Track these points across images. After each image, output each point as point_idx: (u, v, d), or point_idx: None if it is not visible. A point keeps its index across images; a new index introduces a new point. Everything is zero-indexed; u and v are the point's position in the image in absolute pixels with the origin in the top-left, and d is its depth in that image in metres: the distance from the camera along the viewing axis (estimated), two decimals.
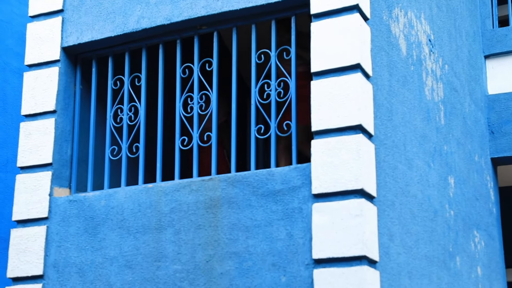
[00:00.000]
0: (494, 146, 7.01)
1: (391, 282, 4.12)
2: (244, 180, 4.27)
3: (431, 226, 4.97)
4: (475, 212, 6.19)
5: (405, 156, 4.65)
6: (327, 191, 3.97)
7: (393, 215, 4.31)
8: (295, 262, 3.98)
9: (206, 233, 4.27)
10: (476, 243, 6.08)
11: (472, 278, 5.79)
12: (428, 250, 4.84)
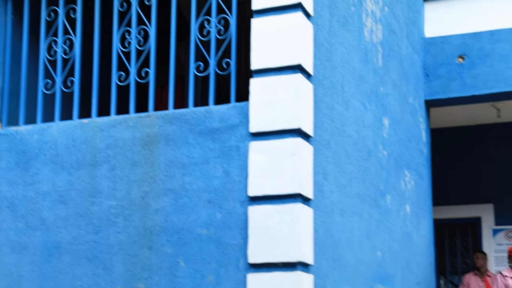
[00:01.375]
0: (428, 89, 7.17)
1: (324, 219, 4.23)
2: (182, 117, 4.25)
3: (364, 166, 5.10)
4: (407, 152, 6.38)
5: (343, 96, 4.71)
6: (264, 130, 4.00)
7: (329, 154, 4.40)
8: (231, 199, 4.03)
9: (142, 170, 4.25)
10: (406, 182, 6.29)
11: (401, 216, 6.01)
12: (361, 188, 4.98)
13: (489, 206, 8.91)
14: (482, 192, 8.96)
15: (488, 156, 9.00)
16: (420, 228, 6.68)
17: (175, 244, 4.08)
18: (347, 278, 4.57)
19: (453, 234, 9.29)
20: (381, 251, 5.36)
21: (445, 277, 9.66)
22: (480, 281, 8.23)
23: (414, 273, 6.32)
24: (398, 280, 5.73)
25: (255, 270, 3.86)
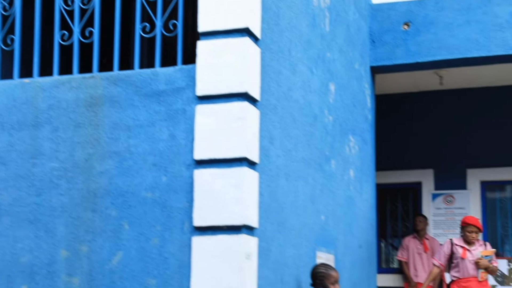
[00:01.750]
0: (374, 55, 7.25)
1: (269, 183, 4.26)
2: (127, 79, 4.17)
3: (310, 131, 5.14)
4: (352, 118, 6.46)
5: (290, 61, 4.71)
6: (211, 93, 3.97)
7: (275, 119, 4.41)
8: (177, 162, 4.01)
9: (86, 132, 4.17)
10: (351, 147, 6.39)
11: (345, 180, 6.11)
12: (306, 153, 5.03)
13: (429, 172, 9.16)
14: (423, 158, 9.19)
15: (430, 123, 9.21)
16: (363, 192, 6.81)
17: (119, 207, 4.05)
18: (291, 241, 4.64)
19: (394, 198, 9.53)
20: (325, 215, 5.45)
21: (386, 240, 9.93)
22: (419, 244, 8.50)
23: (356, 236, 6.46)
24: (340, 243, 5.86)
25: (200, 233, 3.87)
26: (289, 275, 4.56)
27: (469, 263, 6.69)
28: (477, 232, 6.72)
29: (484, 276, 6.72)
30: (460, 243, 6.79)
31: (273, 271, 4.26)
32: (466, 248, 6.72)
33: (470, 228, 6.72)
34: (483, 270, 6.67)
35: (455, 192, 8.96)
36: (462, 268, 6.73)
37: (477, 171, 8.96)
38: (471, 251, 6.70)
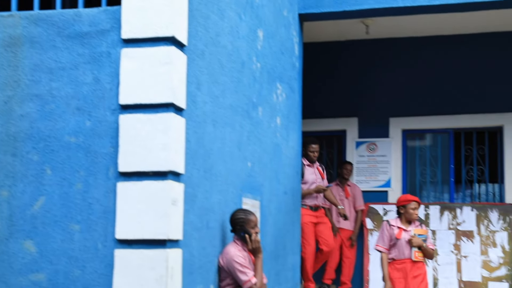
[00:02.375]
0: (302, 2, 7.23)
1: (196, 129, 4.24)
2: (49, 19, 4.00)
3: (238, 77, 5.12)
4: (279, 65, 6.46)
5: (218, 6, 4.63)
6: (137, 37, 3.87)
7: (202, 64, 4.36)
8: (101, 107, 3.92)
9: (5, 73, 4.00)
10: (278, 95, 6.41)
11: (272, 128, 6.16)
12: (233, 100, 5.02)
13: (353, 120, 9.36)
14: (348, 106, 9.37)
15: (355, 72, 9.36)
16: (289, 140, 6.89)
17: (41, 151, 3.94)
18: (218, 187, 4.66)
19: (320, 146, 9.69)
20: (251, 161, 5.49)
21: None
22: (341, 190, 8.73)
23: (281, 183, 6.56)
24: (266, 190, 5.93)
25: (125, 178, 3.83)
26: (215, 220, 4.60)
27: (405, 244, 6.50)
28: (418, 208, 6.55)
29: (419, 256, 6.48)
30: (397, 223, 6.60)
31: (199, 217, 4.29)
32: (402, 229, 6.52)
33: (413, 205, 6.52)
34: (417, 249, 6.46)
35: (378, 140, 9.20)
36: (397, 249, 6.55)
37: (399, 120, 9.22)
38: (408, 231, 6.53)
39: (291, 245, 6.94)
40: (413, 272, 6.50)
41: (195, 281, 4.20)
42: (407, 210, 6.48)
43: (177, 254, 3.83)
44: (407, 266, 6.47)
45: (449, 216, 8.46)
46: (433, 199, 9.21)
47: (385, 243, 6.63)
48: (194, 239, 4.20)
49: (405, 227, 6.52)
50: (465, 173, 9.02)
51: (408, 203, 6.51)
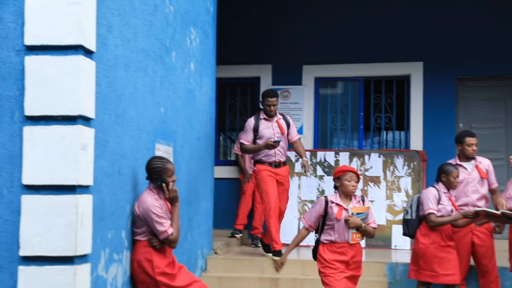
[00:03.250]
0: None
1: (107, 73, 4.13)
2: None
3: (150, 20, 4.99)
4: (193, 9, 6.35)
5: None
6: None
7: (113, 6, 4.21)
8: (5, 47, 3.75)
9: None
10: (192, 40, 6.32)
11: (185, 73, 6.09)
12: (146, 43, 4.91)
13: (267, 67, 9.39)
14: (262, 53, 9.38)
15: (269, 18, 9.35)
16: (203, 86, 6.84)
17: None
18: (130, 133, 4.59)
19: (233, 92, 9.71)
20: (164, 107, 5.43)
21: (224, 134, 10.18)
22: None
23: (195, 129, 6.54)
24: (179, 136, 5.90)
25: (32, 122, 3.70)
26: (127, 166, 4.55)
27: (345, 225, 5.20)
28: (357, 180, 5.25)
29: (357, 238, 5.23)
30: (337, 200, 5.26)
31: (110, 163, 4.22)
32: (343, 207, 5.19)
33: (348, 175, 5.21)
34: (354, 230, 5.18)
35: (291, 88, 9.30)
36: (337, 232, 5.20)
37: (312, 68, 9.34)
38: (348, 209, 5.21)
39: (204, 191, 6.98)
40: (354, 257, 5.25)
41: (106, 227, 4.16)
42: (342, 183, 5.22)
43: (87, 200, 3.77)
44: (347, 250, 5.19)
45: (358, 162, 8.73)
46: (343, 146, 9.47)
47: (311, 219, 5.30)
48: (105, 185, 4.14)
49: (345, 204, 5.21)
50: (374, 121, 9.29)
51: (343, 174, 5.24)
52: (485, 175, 6.52)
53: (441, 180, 6.07)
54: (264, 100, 7.06)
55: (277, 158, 7.10)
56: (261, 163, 7.05)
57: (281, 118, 7.19)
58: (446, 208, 5.95)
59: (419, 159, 8.56)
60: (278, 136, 7.05)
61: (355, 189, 5.23)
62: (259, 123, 7.07)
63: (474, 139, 6.50)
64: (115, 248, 4.32)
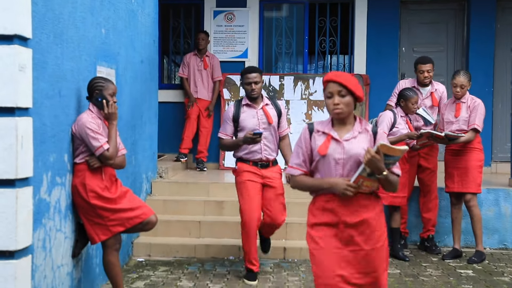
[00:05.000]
0: None
1: None
2: None
3: None
4: None
5: None
6: None
7: None
8: None
9: None
10: None
11: None
12: None
13: None
14: None
15: None
16: (145, 7, 6.66)
17: None
18: (69, 54, 4.45)
19: (177, 14, 9.49)
20: (105, 28, 5.27)
21: (168, 57, 10.02)
22: (199, 61, 8.70)
23: (138, 51, 6.40)
24: (122, 58, 5.77)
25: None
26: (68, 88, 4.44)
27: (337, 164, 3.41)
28: (344, 94, 3.35)
29: (367, 188, 3.35)
30: (324, 127, 3.49)
31: (50, 84, 4.11)
32: (332, 137, 3.43)
33: (327, 90, 3.41)
34: (365, 174, 3.28)
35: (235, 10, 9.15)
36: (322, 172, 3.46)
37: None
38: (342, 141, 3.40)
39: (148, 114, 6.92)
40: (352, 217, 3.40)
41: (47, 150, 4.09)
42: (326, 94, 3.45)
43: (27, 123, 3.68)
44: (340, 207, 3.41)
45: (302, 86, 8.77)
46: (287, 70, 9.47)
47: (299, 161, 3.53)
48: (46, 107, 4.05)
49: (339, 133, 3.44)
50: (318, 45, 9.29)
51: (324, 88, 3.46)
52: (437, 103, 6.66)
53: (400, 105, 6.19)
54: (243, 79, 5.48)
55: (264, 156, 5.51)
56: (244, 161, 5.52)
57: (270, 104, 5.60)
58: (401, 132, 6.08)
59: (363, 83, 8.66)
60: (264, 127, 5.48)
61: (340, 110, 3.34)
62: (240, 111, 5.49)
63: (426, 66, 6.56)
64: (57, 172, 4.27)
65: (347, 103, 3.38)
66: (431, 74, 6.62)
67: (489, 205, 6.92)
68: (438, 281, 5.63)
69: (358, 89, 3.39)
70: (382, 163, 3.25)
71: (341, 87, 3.36)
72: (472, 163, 6.25)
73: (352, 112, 3.47)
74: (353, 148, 3.41)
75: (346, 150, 3.42)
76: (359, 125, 3.48)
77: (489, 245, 6.90)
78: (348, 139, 3.43)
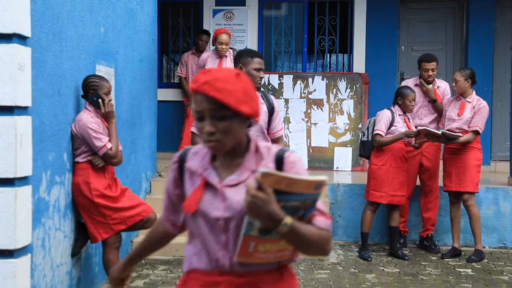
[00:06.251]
0: None
1: None
2: None
3: None
4: None
5: None
6: None
7: None
8: None
9: None
10: None
11: None
12: None
13: None
14: None
15: None
16: (144, 5, 6.65)
17: None
18: (69, 53, 4.45)
19: (176, 13, 9.49)
20: (104, 27, 5.27)
21: (168, 55, 10.02)
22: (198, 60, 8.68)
23: (137, 50, 6.39)
24: (121, 57, 5.77)
25: None
26: (67, 87, 4.43)
27: (214, 228, 2.10)
28: (223, 114, 2.02)
29: (268, 255, 2.04)
30: (199, 165, 2.17)
31: (49, 83, 4.10)
32: (206, 181, 2.13)
33: (199, 102, 2.04)
34: (267, 236, 1.98)
35: (235, 9, 9.15)
36: (198, 239, 2.17)
37: None
38: (221, 189, 2.09)
39: (147, 113, 6.91)
40: None
41: (46, 149, 4.09)
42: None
43: (26, 121, 3.68)
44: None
45: (301, 85, 8.77)
46: (287, 68, 9.47)
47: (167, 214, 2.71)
48: (45, 106, 4.04)
49: (220, 177, 2.13)
50: (318, 43, 9.28)
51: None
52: (440, 100, 6.64)
53: (397, 103, 6.17)
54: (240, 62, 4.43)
55: None
56: None
57: (260, 98, 4.41)
58: (399, 130, 6.06)
59: (362, 82, 8.67)
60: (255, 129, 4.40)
61: (215, 143, 2.04)
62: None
63: (431, 64, 6.51)
64: (56, 171, 4.27)
65: (228, 130, 1.99)
66: (435, 72, 6.59)
67: (488, 204, 6.92)
68: (437, 280, 5.63)
69: (246, 103, 1.98)
70: (273, 206, 1.86)
71: (214, 105, 1.97)
72: (470, 162, 6.24)
73: (243, 139, 2.07)
74: (239, 200, 2.01)
75: (229, 202, 2.04)
76: (254, 158, 2.08)
77: (488, 244, 6.90)
78: (233, 183, 2.05)
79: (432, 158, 6.66)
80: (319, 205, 2.01)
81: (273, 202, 1.87)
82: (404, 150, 6.16)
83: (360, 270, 5.90)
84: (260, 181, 1.86)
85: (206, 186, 2.08)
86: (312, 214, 1.99)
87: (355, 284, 5.45)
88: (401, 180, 6.09)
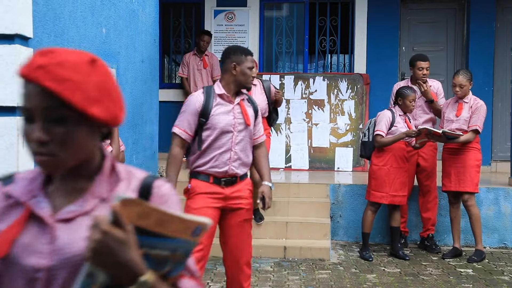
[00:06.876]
0: None
1: None
2: None
3: None
4: None
5: None
6: None
7: None
8: None
9: None
10: None
11: None
12: None
13: None
14: None
15: None
16: (145, 6, 6.67)
17: None
18: None
19: (177, 14, 9.50)
20: (106, 27, 5.28)
21: (169, 56, 10.03)
22: (199, 60, 8.71)
23: (138, 50, 6.41)
24: (122, 58, 5.78)
25: None
26: None
27: (32, 282, 1.38)
28: (62, 114, 1.35)
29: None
30: (27, 191, 1.47)
31: None
32: (30, 212, 1.43)
33: (27, 95, 1.38)
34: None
35: (236, 9, 9.16)
36: None
37: None
38: (52, 224, 1.39)
39: (149, 114, 6.92)
40: None
41: None
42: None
43: None
44: None
45: (303, 85, 8.78)
46: (288, 69, 9.48)
47: None
48: None
49: (55, 206, 1.42)
50: (319, 44, 9.30)
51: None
52: (436, 99, 6.66)
53: (398, 103, 6.19)
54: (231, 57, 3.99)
55: (231, 169, 3.93)
56: (201, 177, 3.97)
57: (246, 99, 4.05)
58: (400, 130, 6.08)
59: (363, 83, 8.68)
60: (240, 129, 3.92)
61: (45, 157, 1.38)
62: (212, 103, 3.89)
63: (425, 63, 6.58)
64: None
65: (68, 140, 1.37)
66: (428, 72, 6.65)
67: (489, 204, 6.93)
68: (438, 280, 5.64)
69: (99, 104, 1.38)
70: (132, 251, 1.24)
71: (50, 101, 1.34)
72: (470, 162, 6.25)
73: (92, 154, 1.47)
74: (76, 241, 1.37)
75: (60, 244, 1.38)
76: (107, 182, 1.46)
77: (489, 244, 6.91)
78: (70, 216, 1.41)
79: (428, 158, 6.67)
80: (190, 263, 1.42)
81: (133, 245, 1.23)
82: (405, 151, 6.17)
83: (361, 270, 5.91)
84: (117, 212, 1.22)
85: (31, 220, 1.40)
86: (179, 273, 1.33)
87: (356, 284, 5.46)
88: (402, 180, 6.10)
